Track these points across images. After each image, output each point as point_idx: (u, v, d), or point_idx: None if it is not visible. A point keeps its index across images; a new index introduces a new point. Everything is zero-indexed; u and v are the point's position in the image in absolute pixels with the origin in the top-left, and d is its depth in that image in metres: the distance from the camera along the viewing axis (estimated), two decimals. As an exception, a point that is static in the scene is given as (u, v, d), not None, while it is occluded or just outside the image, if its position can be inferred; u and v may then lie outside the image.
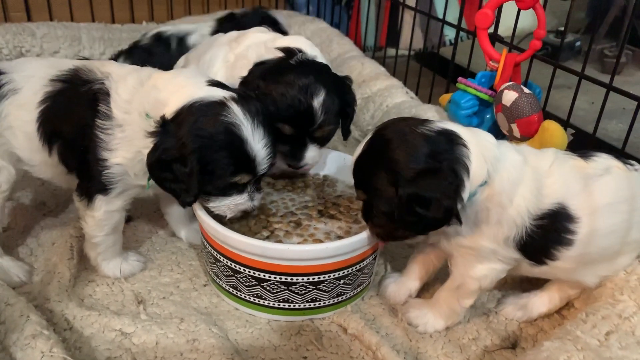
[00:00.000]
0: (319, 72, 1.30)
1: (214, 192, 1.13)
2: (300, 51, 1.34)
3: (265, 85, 1.27)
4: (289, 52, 1.34)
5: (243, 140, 1.07)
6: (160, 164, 1.07)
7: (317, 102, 1.27)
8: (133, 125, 1.11)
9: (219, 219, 1.18)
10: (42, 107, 1.16)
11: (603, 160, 1.06)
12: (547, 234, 1.02)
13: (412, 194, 0.95)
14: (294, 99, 1.26)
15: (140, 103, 1.11)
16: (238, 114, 1.07)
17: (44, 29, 2.10)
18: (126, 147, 1.13)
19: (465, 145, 0.98)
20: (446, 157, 0.96)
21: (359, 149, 1.07)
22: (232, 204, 1.15)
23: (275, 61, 1.32)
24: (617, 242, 1.05)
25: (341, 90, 1.34)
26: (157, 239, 1.45)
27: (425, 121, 1.02)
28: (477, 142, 1.00)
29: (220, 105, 1.07)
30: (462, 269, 1.11)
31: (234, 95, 1.10)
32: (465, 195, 0.96)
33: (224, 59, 1.45)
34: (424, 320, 1.19)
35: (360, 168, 1.06)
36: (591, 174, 1.04)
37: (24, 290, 1.23)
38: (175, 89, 1.10)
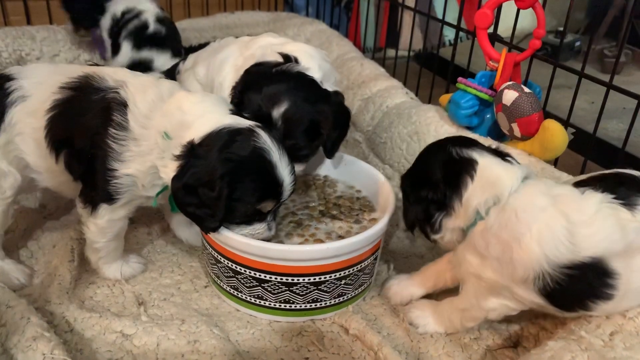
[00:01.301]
0: (292, 83, 1.27)
1: (237, 219, 1.12)
2: (296, 60, 1.32)
3: (243, 89, 1.27)
4: (286, 58, 1.33)
5: (273, 165, 1.08)
6: (187, 189, 1.06)
7: (277, 112, 1.24)
8: (149, 141, 1.11)
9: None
10: (50, 114, 1.15)
11: None
12: (580, 285, 0.96)
13: (403, 188, 1.14)
14: (254, 106, 1.25)
15: (161, 121, 1.10)
16: (267, 140, 1.08)
17: (43, 32, 2.10)
18: (139, 161, 1.12)
19: (471, 177, 1.01)
20: (447, 180, 1.04)
21: None
22: (251, 232, 1.14)
23: (268, 66, 1.31)
24: None
25: (317, 104, 1.28)
26: (158, 240, 1.45)
27: (468, 144, 1.08)
28: (487, 178, 1.01)
29: (250, 131, 1.08)
30: (471, 296, 1.08)
31: (259, 124, 1.11)
32: (454, 223, 1.04)
33: (234, 63, 1.45)
34: (425, 322, 1.19)
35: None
36: (637, 229, 0.95)
37: (24, 292, 1.23)
38: (201, 114, 1.10)
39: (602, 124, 1.54)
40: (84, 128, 1.13)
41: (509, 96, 1.43)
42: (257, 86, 1.26)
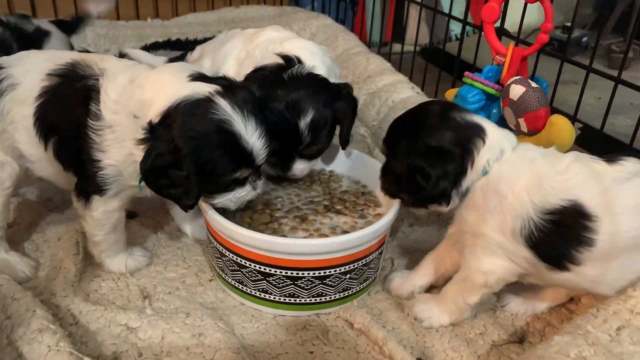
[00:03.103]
0: (311, 88, 1.26)
1: (216, 189, 1.12)
2: (299, 61, 1.31)
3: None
4: (287, 60, 1.31)
5: (236, 135, 1.05)
6: (155, 171, 1.05)
7: (304, 122, 1.25)
8: (122, 126, 1.10)
9: (224, 213, 1.18)
10: (38, 102, 1.14)
11: (631, 165, 1.02)
12: (562, 231, 0.99)
13: (419, 166, 1.06)
14: (280, 117, 1.24)
15: (126, 104, 1.09)
16: (227, 109, 1.05)
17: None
18: (117, 148, 1.11)
19: (483, 140, 1.06)
20: (461, 146, 1.05)
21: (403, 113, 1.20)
22: (235, 197, 1.14)
23: (270, 71, 1.29)
24: None
25: (334, 104, 1.29)
26: (163, 234, 1.45)
27: (463, 110, 1.11)
28: (495, 139, 1.06)
29: (207, 102, 1.04)
30: (469, 259, 1.10)
31: (219, 88, 1.07)
32: (466, 183, 1.06)
33: (237, 55, 1.45)
34: (429, 314, 1.18)
35: (393, 128, 1.18)
36: (617, 177, 1.00)
37: (30, 285, 1.23)
38: (159, 88, 1.07)
39: (609, 119, 1.53)
40: (68, 116, 1.13)
41: (516, 91, 1.42)
42: (273, 95, 1.24)
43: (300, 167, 1.34)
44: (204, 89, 1.06)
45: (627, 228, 0.97)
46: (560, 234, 1.00)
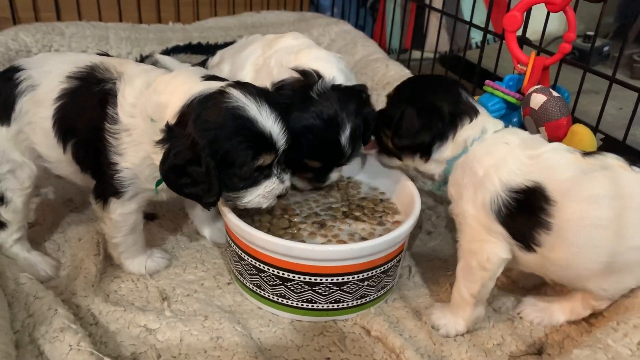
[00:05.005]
0: (341, 101, 1.26)
1: (241, 184, 1.10)
2: (317, 74, 1.29)
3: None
4: (305, 75, 1.30)
5: (252, 120, 1.04)
6: (175, 170, 1.05)
7: (345, 137, 1.25)
8: (139, 129, 1.11)
9: (244, 217, 1.19)
10: (57, 104, 1.16)
11: (604, 159, 1.05)
12: (524, 210, 1.04)
13: (410, 113, 1.17)
14: (320, 138, 1.24)
15: (143, 107, 1.10)
16: (239, 97, 1.05)
17: (72, 28, 2.13)
18: (134, 151, 1.12)
19: (471, 119, 1.16)
20: (452, 115, 1.15)
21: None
22: (264, 191, 1.12)
23: (292, 89, 1.27)
24: (608, 241, 0.99)
25: (362, 111, 1.30)
26: (182, 237, 1.46)
27: (468, 92, 1.22)
28: (481, 120, 1.16)
29: (220, 93, 1.05)
30: (461, 243, 1.15)
31: (231, 83, 1.08)
32: (445, 152, 1.16)
33: (255, 61, 1.46)
34: (444, 321, 1.18)
35: (404, 82, 1.30)
36: (584, 168, 1.03)
37: (51, 284, 1.24)
38: (173, 90, 1.08)
39: (631, 130, 1.51)
40: (86, 119, 1.14)
41: (537, 100, 1.41)
42: (308, 116, 1.23)
43: (335, 175, 1.35)
44: (216, 84, 1.07)
45: (582, 216, 1.00)
46: (523, 214, 1.04)
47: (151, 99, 1.09)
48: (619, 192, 0.99)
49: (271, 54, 1.43)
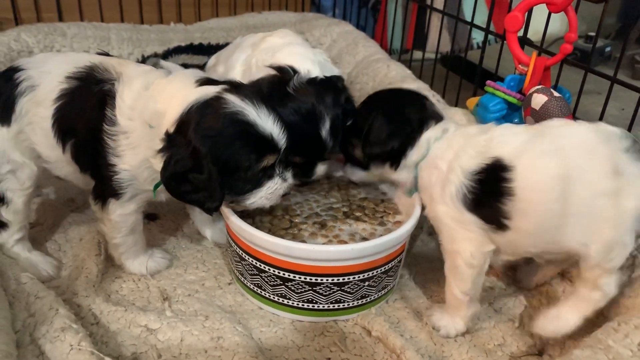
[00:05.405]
0: (318, 94, 1.27)
1: (246, 187, 1.11)
2: (292, 69, 1.31)
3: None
4: (280, 70, 1.31)
5: (252, 123, 1.05)
6: (176, 178, 1.05)
7: (325, 130, 1.26)
8: (137, 132, 1.11)
9: (244, 217, 1.19)
10: (57, 104, 1.16)
11: (550, 122, 1.10)
12: (487, 187, 1.06)
13: (378, 122, 1.20)
14: (300, 132, 1.23)
15: (141, 112, 1.10)
16: (236, 102, 1.05)
17: (74, 29, 2.13)
18: (132, 154, 1.12)
19: (435, 122, 1.19)
20: (419, 122, 1.19)
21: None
22: (268, 192, 1.13)
23: (268, 85, 1.29)
24: (565, 190, 0.99)
25: (340, 101, 1.30)
26: (183, 237, 1.47)
27: (436, 105, 1.27)
28: (443, 123, 1.20)
29: (216, 100, 1.05)
30: (443, 245, 1.16)
31: (225, 86, 1.08)
32: (412, 157, 1.19)
33: (244, 61, 1.46)
34: (444, 322, 1.18)
35: (371, 95, 1.33)
36: (534, 133, 1.07)
37: (52, 284, 1.25)
38: (169, 97, 1.08)
39: (632, 130, 1.51)
40: (85, 120, 1.14)
41: (538, 100, 1.41)
42: (286, 111, 1.24)
43: (322, 168, 1.35)
44: (211, 90, 1.07)
45: (538, 172, 1.01)
46: (487, 191, 1.06)
47: (148, 105, 1.09)
48: (569, 142, 1.02)
49: (255, 53, 1.44)
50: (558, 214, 1.01)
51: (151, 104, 1.09)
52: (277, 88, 1.28)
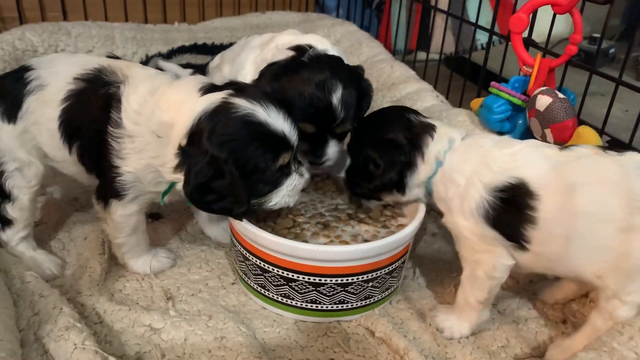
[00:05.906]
0: (333, 66, 1.28)
1: (266, 188, 1.12)
2: (310, 47, 1.32)
3: (279, 86, 1.25)
4: (299, 49, 1.32)
5: (264, 123, 1.06)
6: (200, 189, 1.05)
7: (336, 98, 1.24)
8: (142, 137, 1.11)
9: (248, 217, 1.19)
10: (64, 105, 1.16)
11: (578, 149, 1.05)
12: (510, 208, 1.04)
13: (371, 156, 1.19)
14: (312, 97, 1.23)
15: (147, 119, 1.10)
16: (244, 104, 1.05)
17: (78, 28, 2.14)
18: (136, 158, 1.12)
19: (432, 136, 1.16)
20: (411, 142, 1.16)
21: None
22: (289, 190, 1.14)
23: (286, 60, 1.31)
24: (592, 227, 0.98)
25: (357, 81, 1.31)
26: (187, 236, 1.47)
27: (418, 113, 1.23)
28: (442, 132, 1.16)
29: (224, 105, 1.05)
30: (463, 255, 1.14)
31: (230, 91, 1.09)
32: (420, 175, 1.16)
33: (254, 60, 1.46)
34: (449, 324, 1.18)
35: (356, 128, 1.31)
36: (560, 161, 1.03)
37: (56, 283, 1.25)
38: (176, 109, 1.08)
39: (637, 132, 1.51)
40: (90, 122, 1.15)
41: (543, 101, 1.41)
42: (299, 78, 1.24)
43: (332, 149, 1.33)
44: (217, 97, 1.07)
45: (563, 207, 1.00)
46: (510, 211, 1.04)
47: (155, 113, 1.09)
48: (594, 178, 1.00)
49: (269, 50, 1.44)
50: (578, 247, 1.01)
51: (157, 113, 1.09)
52: (291, 60, 1.29)
